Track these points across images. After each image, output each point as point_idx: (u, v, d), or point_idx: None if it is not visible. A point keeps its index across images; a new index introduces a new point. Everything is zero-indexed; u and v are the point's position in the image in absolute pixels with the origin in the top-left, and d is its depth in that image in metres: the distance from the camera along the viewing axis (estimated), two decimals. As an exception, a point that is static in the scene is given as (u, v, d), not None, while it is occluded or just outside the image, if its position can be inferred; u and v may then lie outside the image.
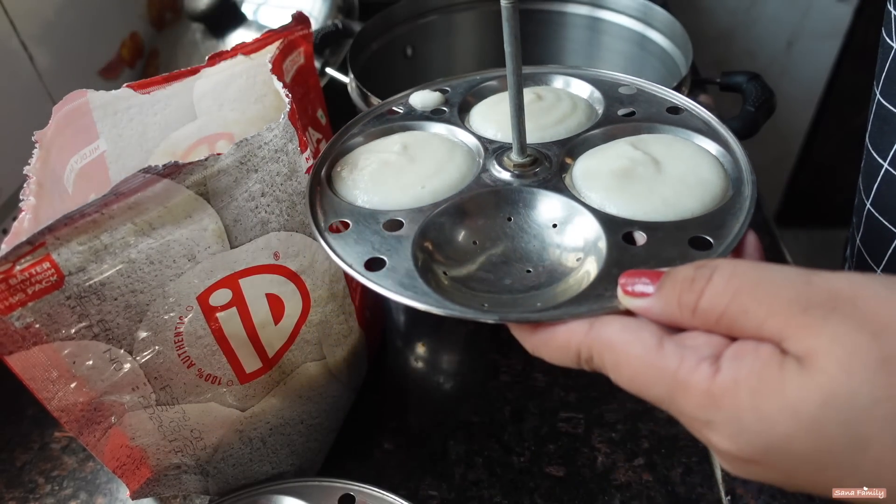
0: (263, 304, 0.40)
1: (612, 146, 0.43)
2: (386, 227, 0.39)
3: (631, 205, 0.39)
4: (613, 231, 0.37)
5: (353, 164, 0.44)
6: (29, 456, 0.55)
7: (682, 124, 0.44)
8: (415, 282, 0.35)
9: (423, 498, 0.50)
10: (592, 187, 0.40)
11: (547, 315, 0.32)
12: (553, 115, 0.47)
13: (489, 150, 0.44)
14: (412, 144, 0.45)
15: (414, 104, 0.50)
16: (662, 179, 0.40)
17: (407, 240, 0.38)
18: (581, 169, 0.42)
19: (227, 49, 0.49)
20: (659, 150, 0.42)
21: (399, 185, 0.42)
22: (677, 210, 0.38)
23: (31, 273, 0.31)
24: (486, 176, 0.42)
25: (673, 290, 0.28)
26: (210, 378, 0.40)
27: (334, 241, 0.38)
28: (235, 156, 0.36)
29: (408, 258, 0.37)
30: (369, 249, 0.38)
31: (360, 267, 0.37)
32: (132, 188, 0.33)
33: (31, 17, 0.71)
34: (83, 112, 0.45)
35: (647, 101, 0.47)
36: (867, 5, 1.39)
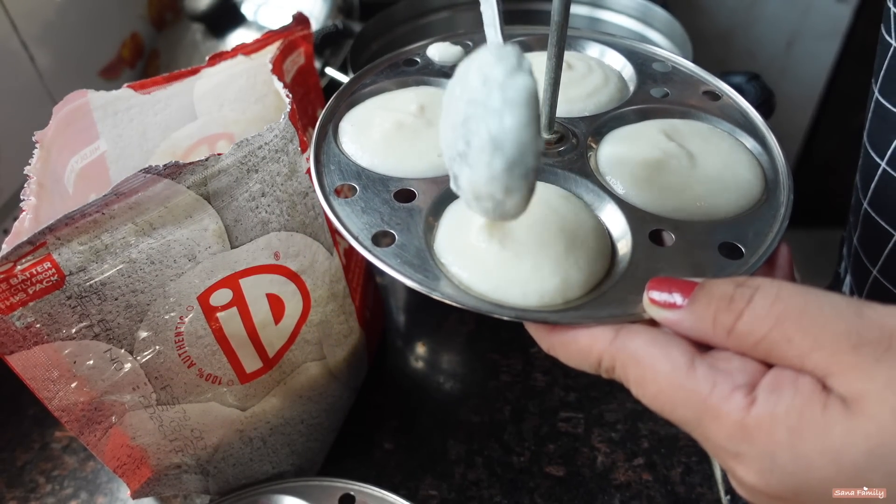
0: (264, 304, 0.40)
1: (644, 132, 0.40)
2: (397, 196, 0.37)
3: (660, 200, 0.36)
4: (640, 227, 0.34)
5: (365, 120, 0.41)
6: (30, 455, 0.55)
7: (718, 113, 0.42)
8: (425, 263, 0.33)
9: (423, 498, 0.50)
10: (620, 176, 0.37)
11: (568, 317, 0.30)
12: (583, 88, 0.44)
13: None
14: (429, 105, 0.42)
15: (432, 57, 0.46)
16: (696, 175, 0.37)
17: (419, 214, 0.35)
18: (609, 153, 0.39)
19: (228, 49, 0.49)
20: (694, 141, 0.39)
21: (414, 151, 0.39)
22: (709, 210, 0.36)
23: (32, 273, 0.31)
24: None
25: (708, 306, 0.27)
26: (210, 378, 0.40)
27: (339, 208, 0.35)
28: (236, 156, 0.36)
29: (419, 235, 0.34)
30: (377, 221, 0.35)
31: (366, 241, 0.34)
32: (133, 188, 0.33)
33: (32, 17, 0.71)
34: (84, 112, 0.45)
35: (682, 81, 0.44)
36: (867, 5, 1.39)
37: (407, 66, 0.46)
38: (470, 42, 0.47)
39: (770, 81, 0.62)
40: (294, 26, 0.51)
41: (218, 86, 0.50)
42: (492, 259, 0.33)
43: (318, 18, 0.83)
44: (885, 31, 0.54)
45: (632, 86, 0.44)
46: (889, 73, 0.52)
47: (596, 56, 0.47)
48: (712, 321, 0.26)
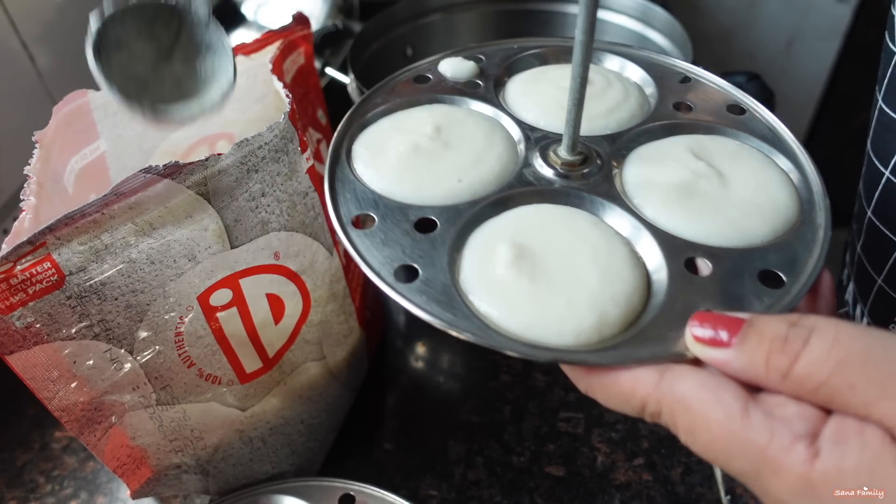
0: (264, 304, 0.40)
1: (670, 150, 0.39)
2: (418, 226, 0.35)
3: (693, 225, 0.34)
4: (674, 255, 0.33)
5: (379, 143, 0.40)
6: (30, 455, 0.55)
7: (745, 128, 0.40)
8: (453, 301, 0.31)
9: (423, 498, 0.50)
10: (648, 199, 0.36)
11: (607, 358, 0.29)
12: (603, 104, 0.42)
13: (531, 140, 0.39)
14: (446, 126, 0.40)
15: (444, 72, 0.44)
16: (728, 197, 0.35)
17: (442, 245, 0.34)
18: (635, 175, 0.37)
19: (228, 49, 0.49)
20: (723, 160, 0.37)
21: (432, 176, 0.37)
22: (745, 234, 0.34)
23: (32, 273, 0.31)
24: (528, 172, 0.38)
25: (759, 347, 0.25)
26: (210, 378, 0.40)
27: (358, 241, 0.34)
28: (236, 156, 0.36)
29: (444, 269, 0.33)
30: (399, 254, 0.33)
31: (389, 276, 0.32)
32: (133, 188, 0.33)
33: (32, 17, 0.71)
34: (84, 112, 0.45)
35: (705, 94, 0.43)
36: (867, 5, 1.39)
37: (419, 82, 0.44)
38: (482, 56, 0.46)
39: (770, 81, 0.62)
40: (294, 26, 0.51)
41: (218, 86, 0.50)
42: (523, 295, 0.31)
43: (318, 18, 0.83)
44: (889, 39, 0.53)
45: (653, 100, 0.43)
46: (893, 81, 0.52)
47: (615, 69, 0.46)
48: (765, 363, 0.25)
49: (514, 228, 0.35)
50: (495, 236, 0.34)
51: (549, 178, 0.37)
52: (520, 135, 0.40)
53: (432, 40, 0.76)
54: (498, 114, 0.42)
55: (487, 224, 0.35)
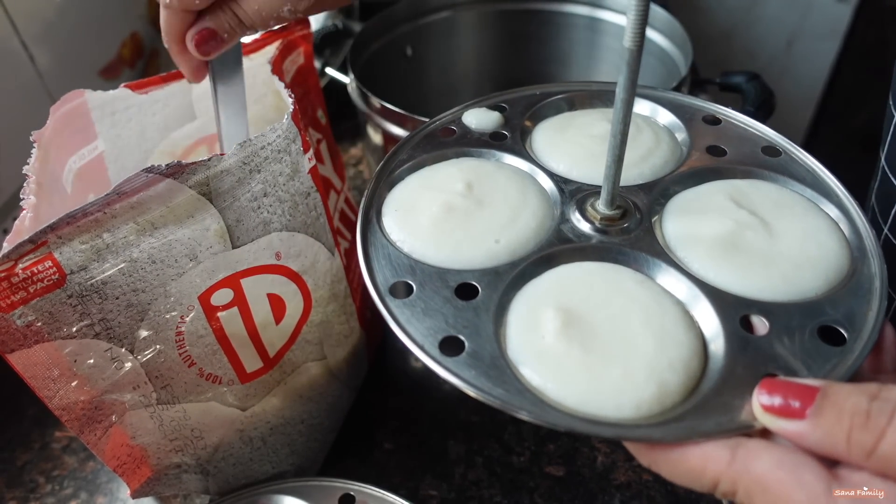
0: (265, 303, 0.40)
1: (709, 198, 0.37)
2: (458, 293, 0.33)
3: (744, 280, 0.33)
4: (729, 314, 0.31)
5: (410, 202, 0.38)
6: (30, 455, 0.55)
7: (783, 171, 0.38)
8: (503, 374, 0.29)
9: (423, 498, 0.50)
10: (694, 253, 0.34)
11: (672, 433, 0.27)
12: (635, 151, 0.40)
13: (566, 193, 0.38)
14: (476, 182, 0.39)
15: (469, 123, 0.43)
16: (777, 248, 0.34)
17: (486, 313, 0.32)
18: (676, 227, 0.36)
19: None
20: (766, 207, 0.36)
21: (468, 238, 0.36)
22: (798, 288, 0.32)
23: (33, 271, 0.31)
24: (566, 228, 0.36)
25: (839, 421, 0.24)
26: (211, 377, 0.40)
27: (399, 312, 0.32)
28: (238, 156, 0.36)
29: (490, 339, 0.31)
30: (442, 325, 0.31)
31: (433, 349, 0.30)
32: (135, 187, 0.33)
33: (32, 17, 0.71)
34: (81, 112, 0.45)
35: (737, 136, 0.41)
36: (866, 5, 1.39)
37: (444, 135, 0.43)
38: (505, 104, 0.45)
39: (770, 81, 0.62)
40: (293, 26, 0.51)
41: (218, 86, 0.50)
42: (575, 365, 0.30)
43: (318, 18, 0.83)
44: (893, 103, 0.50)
45: (684, 144, 0.42)
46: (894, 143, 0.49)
47: (644, 113, 0.45)
48: (846, 439, 0.23)
49: (558, 291, 0.33)
50: (540, 300, 0.33)
51: (588, 233, 0.36)
52: (553, 188, 0.39)
53: (432, 40, 0.76)
54: (528, 166, 0.41)
55: (530, 286, 0.34)
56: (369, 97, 0.58)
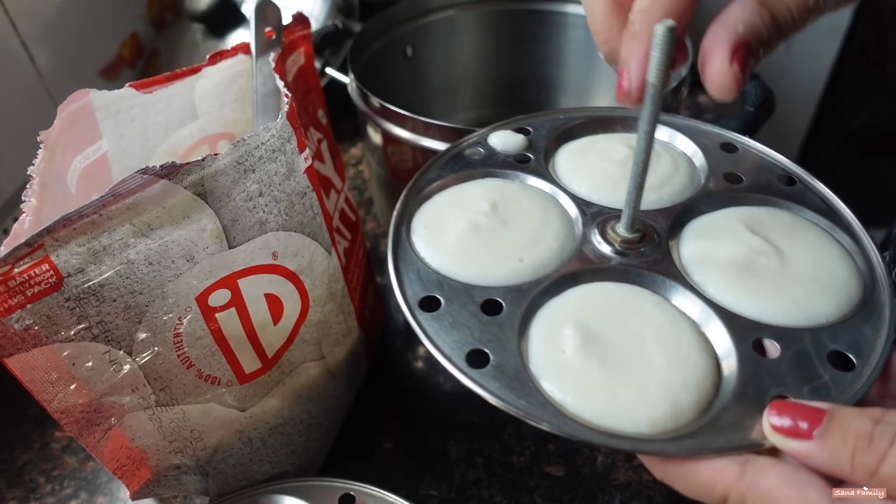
0: (262, 304, 0.40)
1: (725, 224, 0.39)
2: (484, 308, 0.35)
3: (757, 304, 0.34)
4: (742, 337, 0.33)
5: (438, 221, 0.41)
6: (29, 456, 0.55)
7: (797, 200, 0.40)
8: (526, 387, 0.31)
9: (423, 498, 0.50)
10: (709, 277, 0.36)
11: (685, 449, 0.29)
12: (654, 177, 0.41)
13: (587, 216, 0.40)
14: (501, 203, 0.41)
15: (494, 145, 0.46)
16: (789, 274, 0.35)
17: (510, 328, 0.34)
18: (692, 251, 0.38)
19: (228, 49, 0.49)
20: (779, 235, 0.37)
21: (494, 256, 0.38)
22: (810, 314, 0.34)
23: (30, 275, 0.31)
24: (587, 249, 0.38)
25: (844, 443, 0.25)
26: (209, 379, 0.40)
27: (427, 324, 0.34)
28: (232, 156, 0.36)
29: (514, 353, 0.33)
30: (469, 338, 0.34)
31: (461, 362, 0.32)
32: (130, 189, 0.33)
33: (32, 17, 0.71)
34: (86, 112, 0.45)
35: (754, 164, 0.43)
36: (866, 5, 1.39)
37: (470, 156, 0.45)
38: (530, 127, 0.47)
39: (770, 81, 0.62)
40: (294, 26, 0.51)
41: (219, 85, 0.50)
42: (594, 381, 0.32)
43: (318, 18, 0.83)
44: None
45: (702, 171, 0.43)
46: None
47: (662, 139, 0.46)
48: (850, 460, 0.25)
49: (579, 309, 0.35)
50: (561, 318, 0.35)
51: (608, 255, 0.38)
52: (575, 210, 0.41)
53: (432, 40, 0.76)
54: (552, 188, 0.42)
55: (551, 304, 0.36)
56: (369, 97, 0.58)
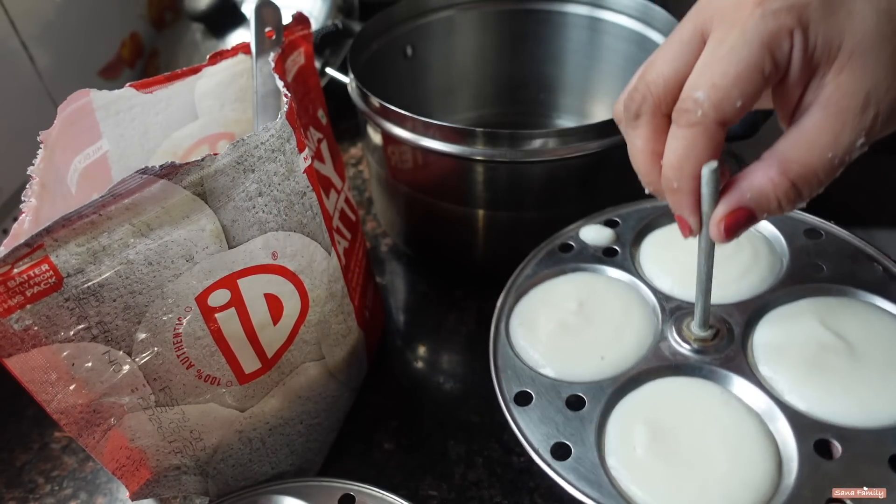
0: (262, 304, 0.40)
1: (799, 317, 0.40)
2: (568, 403, 0.39)
3: (822, 403, 0.35)
4: (804, 436, 0.34)
5: (531, 317, 0.45)
6: (29, 456, 0.55)
7: (878, 291, 0.40)
8: (600, 479, 0.35)
9: (423, 498, 0.50)
10: (778, 374, 0.37)
11: None
12: (734, 268, 0.43)
13: (667, 311, 0.43)
14: (587, 300, 0.45)
15: (585, 239, 0.49)
16: (858, 373, 0.36)
17: (590, 424, 0.38)
18: (764, 347, 0.39)
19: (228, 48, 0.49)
20: (853, 329, 0.38)
21: (578, 353, 0.42)
22: (874, 415, 0.34)
23: (30, 275, 0.31)
24: (664, 346, 0.41)
25: None
26: (209, 379, 0.40)
27: (520, 417, 0.39)
28: (232, 156, 0.36)
29: (592, 447, 0.36)
30: (554, 432, 0.38)
31: (546, 454, 0.36)
32: (129, 189, 0.32)
33: (32, 17, 0.71)
34: (86, 112, 0.45)
35: (836, 251, 0.43)
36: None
37: (563, 251, 0.49)
38: (618, 219, 0.50)
39: (771, 81, 0.62)
40: (294, 26, 0.51)
41: (219, 85, 0.50)
42: (660, 477, 0.35)
43: (318, 18, 0.83)
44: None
45: (784, 258, 0.44)
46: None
47: None
48: None
49: (650, 406, 0.38)
50: (634, 415, 0.38)
51: (683, 353, 0.40)
52: (655, 304, 0.44)
53: (432, 40, 0.75)
54: (635, 282, 0.46)
55: (628, 398, 0.39)
56: (369, 97, 0.58)
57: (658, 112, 0.32)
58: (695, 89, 0.29)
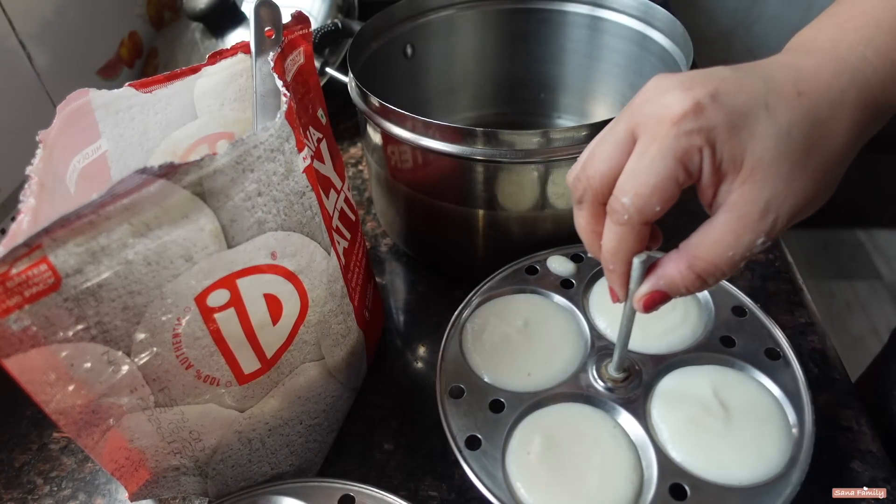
0: (261, 304, 0.40)
1: (696, 381, 0.46)
2: (491, 406, 0.46)
3: (689, 454, 0.42)
4: (666, 478, 0.41)
5: (482, 327, 0.51)
6: (27, 457, 0.55)
7: (772, 375, 0.46)
8: (496, 471, 0.42)
9: (423, 499, 0.50)
10: (664, 420, 0.44)
11: None
12: (662, 325, 0.49)
13: (595, 348, 0.49)
14: (533, 321, 0.52)
15: (550, 267, 0.56)
16: (726, 437, 0.43)
17: (504, 426, 0.45)
18: (662, 395, 0.46)
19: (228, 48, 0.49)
20: (736, 401, 0.44)
21: (511, 367, 0.49)
22: (727, 475, 0.41)
23: (29, 275, 0.31)
24: (583, 377, 0.47)
25: None
26: (208, 379, 0.40)
27: (450, 408, 0.46)
28: (231, 155, 0.36)
29: (499, 446, 0.44)
30: (473, 425, 0.45)
31: (461, 442, 0.44)
32: (128, 189, 0.32)
33: (30, 16, 0.71)
34: (85, 111, 0.45)
35: (753, 332, 0.49)
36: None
37: (528, 273, 0.56)
38: (584, 254, 0.56)
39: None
40: (293, 25, 0.51)
41: (218, 85, 0.50)
42: (542, 481, 0.42)
43: (318, 17, 0.83)
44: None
45: (708, 326, 0.50)
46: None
47: None
48: None
49: (554, 422, 0.45)
50: (538, 426, 0.45)
51: (596, 387, 0.47)
52: (588, 339, 0.50)
53: (432, 40, 0.75)
54: (578, 316, 0.52)
55: (538, 413, 0.46)
56: (369, 96, 0.58)
57: (596, 201, 0.37)
58: (623, 194, 0.34)
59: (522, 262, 0.56)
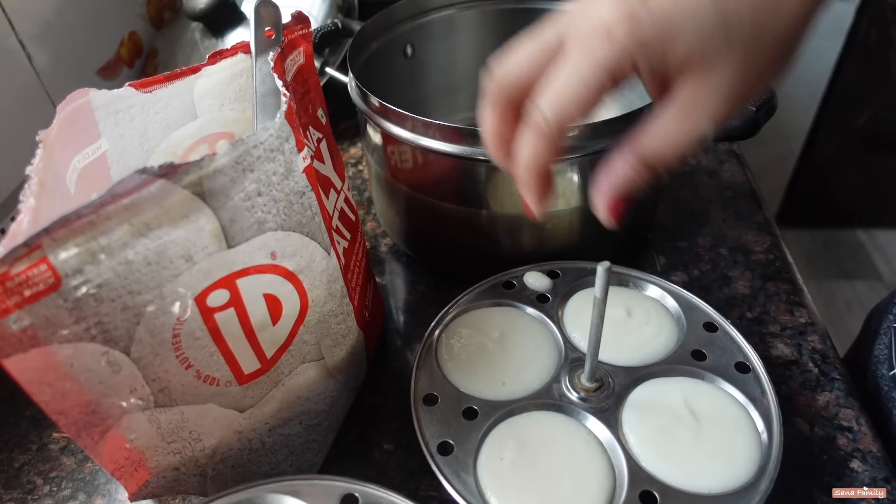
0: (261, 304, 0.40)
1: (668, 392, 0.47)
2: (465, 413, 0.47)
3: (659, 462, 0.43)
4: (636, 484, 0.41)
5: (458, 337, 0.52)
6: (27, 457, 0.55)
7: (742, 387, 0.47)
8: (468, 477, 0.43)
9: (424, 499, 0.50)
10: (634, 430, 0.45)
11: None
12: (635, 339, 0.50)
13: (568, 360, 0.50)
14: (509, 333, 0.52)
15: (526, 282, 0.56)
16: (695, 446, 0.43)
17: (477, 432, 0.45)
18: (634, 405, 0.46)
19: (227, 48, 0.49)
20: (706, 412, 0.45)
21: (486, 375, 0.49)
22: (697, 483, 0.41)
23: (28, 276, 0.31)
24: (556, 387, 0.48)
25: None
26: (208, 379, 0.40)
27: (423, 414, 0.47)
28: (231, 155, 0.36)
29: (472, 452, 0.44)
30: (446, 431, 0.45)
31: (433, 448, 0.45)
32: (128, 189, 0.32)
33: (30, 16, 0.71)
34: (85, 111, 0.45)
35: (723, 346, 0.50)
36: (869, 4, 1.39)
37: (506, 287, 0.56)
38: (560, 271, 0.57)
39: (771, 80, 0.62)
40: (293, 25, 0.51)
41: (218, 85, 0.50)
42: (513, 485, 0.42)
43: (318, 17, 0.83)
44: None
45: (679, 338, 0.51)
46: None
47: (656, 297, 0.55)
48: None
49: (526, 429, 0.46)
50: (511, 433, 0.45)
51: (569, 396, 0.47)
52: (562, 351, 0.51)
53: (432, 40, 0.75)
54: (552, 329, 0.52)
55: (511, 420, 0.47)
56: (369, 96, 0.58)
57: (509, 104, 0.36)
58: (543, 100, 0.34)
59: (500, 277, 0.57)
